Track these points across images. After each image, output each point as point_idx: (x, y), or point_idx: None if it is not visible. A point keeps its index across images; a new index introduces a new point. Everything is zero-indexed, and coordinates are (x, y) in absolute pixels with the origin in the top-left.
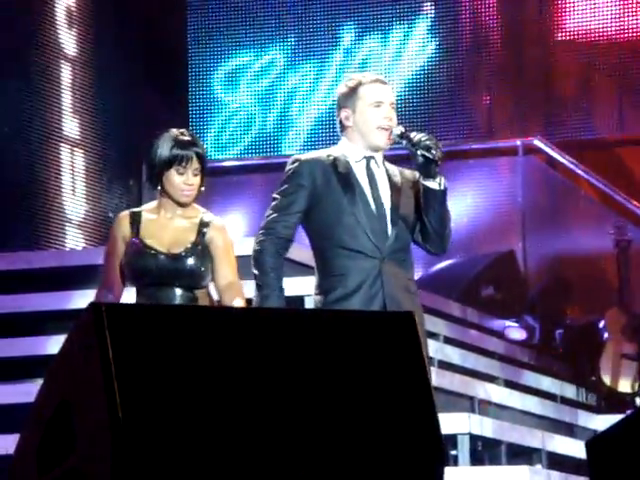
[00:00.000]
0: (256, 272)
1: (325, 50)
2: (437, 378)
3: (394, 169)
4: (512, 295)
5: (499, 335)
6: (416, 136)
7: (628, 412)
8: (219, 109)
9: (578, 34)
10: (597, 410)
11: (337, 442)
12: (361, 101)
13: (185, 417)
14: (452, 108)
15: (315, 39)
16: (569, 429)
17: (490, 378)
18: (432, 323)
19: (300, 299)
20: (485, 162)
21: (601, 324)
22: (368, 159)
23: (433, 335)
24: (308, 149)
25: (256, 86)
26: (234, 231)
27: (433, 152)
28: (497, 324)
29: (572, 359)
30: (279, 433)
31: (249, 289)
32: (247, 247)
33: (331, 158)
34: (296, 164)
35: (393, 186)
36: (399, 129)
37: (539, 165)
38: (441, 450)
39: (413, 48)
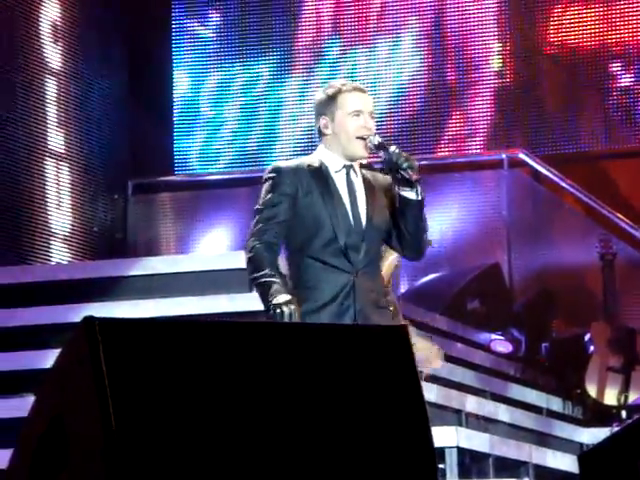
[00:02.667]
0: (254, 272)
1: (310, 64)
2: (424, 392)
3: (369, 175)
4: (498, 308)
5: (485, 348)
6: (393, 153)
7: (614, 425)
8: (204, 123)
9: (564, 48)
10: (583, 423)
11: (330, 455)
12: (340, 110)
13: (178, 431)
14: (437, 122)
15: (300, 53)
16: (555, 442)
17: (477, 391)
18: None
19: None
20: (470, 175)
21: (587, 337)
22: (348, 168)
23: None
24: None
25: (241, 100)
26: (219, 245)
27: (410, 172)
28: (483, 337)
29: (558, 372)
30: (273, 449)
31: (235, 304)
32: (232, 261)
33: (312, 168)
34: (277, 173)
35: (370, 196)
36: (376, 139)
37: (524, 179)
38: (434, 464)
39: (398, 62)
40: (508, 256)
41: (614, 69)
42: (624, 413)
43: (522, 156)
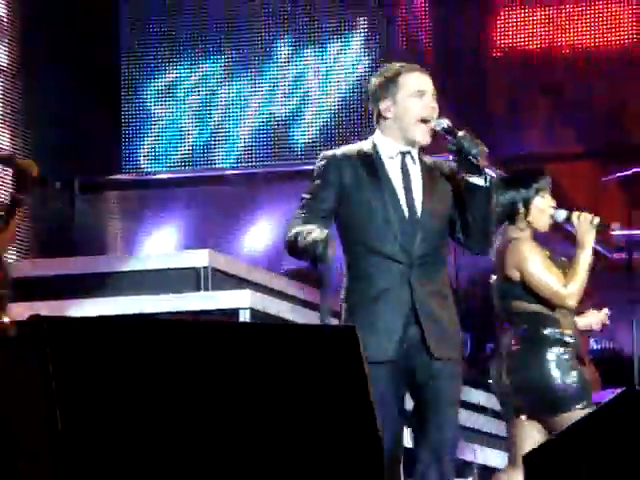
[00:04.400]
0: (293, 243)
1: (260, 64)
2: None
3: (431, 163)
4: None
5: None
6: (462, 138)
7: None
8: (153, 122)
9: (511, 51)
10: None
11: (279, 453)
12: (402, 91)
13: (125, 431)
14: None
15: (250, 53)
16: (500, 442)
17: None
18: None
19: (235, 312)
20: None
21: None
22: (403, 155)
23: None
24: (243, 163)
25: (190, 99)
26: (167, 244)
27: (478, 158)
28: None
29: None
30: (221, 447)
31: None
32: (180, 260)
33: (362, 154)
34: (323, 162)
35: (428, 183)
36: (445, 122)
37: None
38: (381, 464)
39: (348, 63)
40: (454, 259)
41: (560, 71)
42: None
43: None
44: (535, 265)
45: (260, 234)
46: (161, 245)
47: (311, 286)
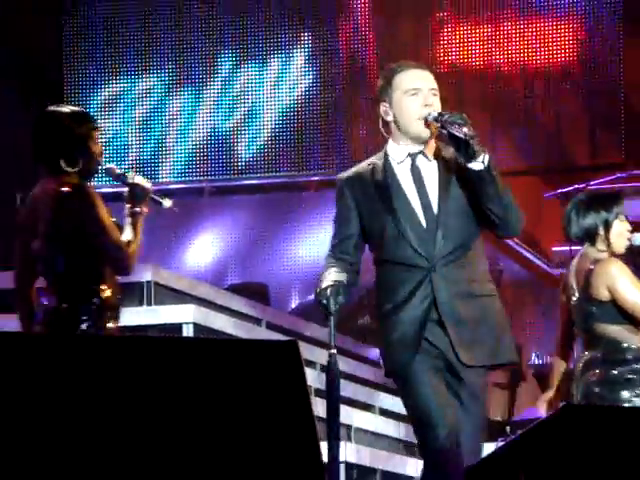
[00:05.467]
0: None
1: (203, 78)
2: (314, 406)
3: (450, 156)
4: None
5: (374, 363)
6: (444, 116)
7: (499, 440)
8: None
9: (452, 67)
10: None
11: (220, 470)
12: (397, 91)
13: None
14: (329, 138)
15: (193, 67)
16: None
17: (366, 406)
18: (309, 351)
19: (178, 327)
20: None
21: None
22: (414, 156)
23: (310, 363)
24: (185, 177)
25: (133, 113)
26: None
27: (464, 130)
28: (372, 353)
29: None
30: (156, 467)
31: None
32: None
33: (372, 167)
34: (339, 184)
35: (444, 179)
36: (434, 112)
37: None
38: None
39: (291, 78)
40: None
41: (500, 88)
42: (508, 428)
43: None
44: (626, 284)
45: (204, 249)
46: None
47: (256, 300)
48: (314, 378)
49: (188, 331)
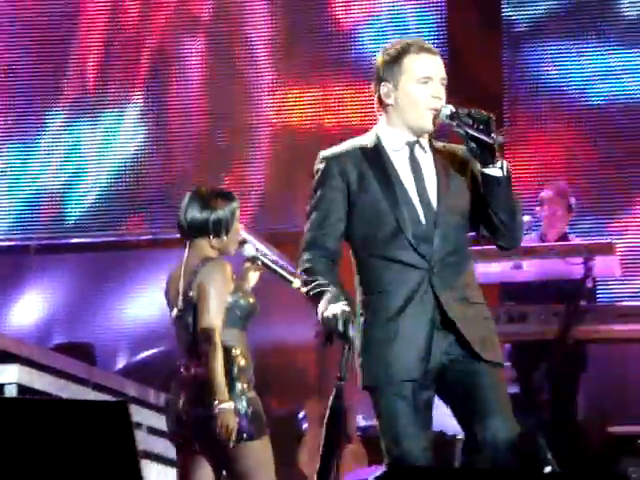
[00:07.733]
0: (306, 285)
1: (33, 134)
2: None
3: (443, 149)
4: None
5: None
6: (469, 117)
7: None
8: None
9: (285, 129)
10: None
11: None
12: (405, 75)
13: None
14: (164, 197)
15: (22, 122)
16: None
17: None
18: (137, 413)
19: (0, 387)
20: None
21: (301, 414)
22: (411, 146)
23: (137, 425)
24: (11, 234)
25: None
26: None
27: (493, 136)
28: None
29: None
30: None
31: None
32: None
33: (364, 149)
34: (322, 164)
35: (443, 174)
36: (448, 108)
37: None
38: None
39: (123, 136)
40: None
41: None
42: None
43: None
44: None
45: (30, 307)
46: None
47: (82, 360)
48: (142, 439)
49: (11, 392)
